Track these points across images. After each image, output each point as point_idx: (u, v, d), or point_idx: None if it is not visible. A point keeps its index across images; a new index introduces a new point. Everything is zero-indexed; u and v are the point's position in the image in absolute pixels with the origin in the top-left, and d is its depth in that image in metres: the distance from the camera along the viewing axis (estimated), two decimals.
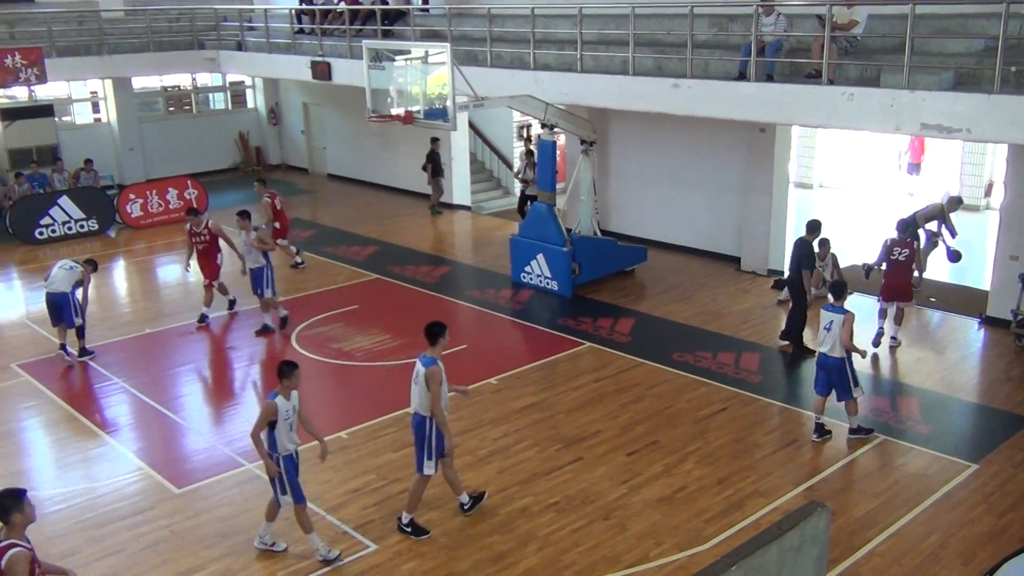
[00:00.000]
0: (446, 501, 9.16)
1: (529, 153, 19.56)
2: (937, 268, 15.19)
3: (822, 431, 10.26)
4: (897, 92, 11.11)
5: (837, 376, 10.02)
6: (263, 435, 7.98)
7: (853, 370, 10.06)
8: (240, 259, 14.10)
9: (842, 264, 15.09)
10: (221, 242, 14.56)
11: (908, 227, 13.42)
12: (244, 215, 14.01)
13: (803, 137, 21.74)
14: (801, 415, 10.95)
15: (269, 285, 13.89)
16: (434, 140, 20.66)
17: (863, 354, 10.52)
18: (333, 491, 9.45)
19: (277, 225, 16.60)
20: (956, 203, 14.85)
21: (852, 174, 22.39)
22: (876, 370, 12.20)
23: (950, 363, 12.51)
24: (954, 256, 14.45)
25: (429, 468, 8.47)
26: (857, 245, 17.11)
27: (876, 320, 12.81)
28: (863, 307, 13.07)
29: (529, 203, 18.88)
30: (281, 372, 8.01)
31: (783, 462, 9.85)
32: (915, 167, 21.23)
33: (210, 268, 14.57)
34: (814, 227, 12.70)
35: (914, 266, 12.88)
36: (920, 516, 8.77)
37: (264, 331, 13.98)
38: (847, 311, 9.92)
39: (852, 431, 10.27)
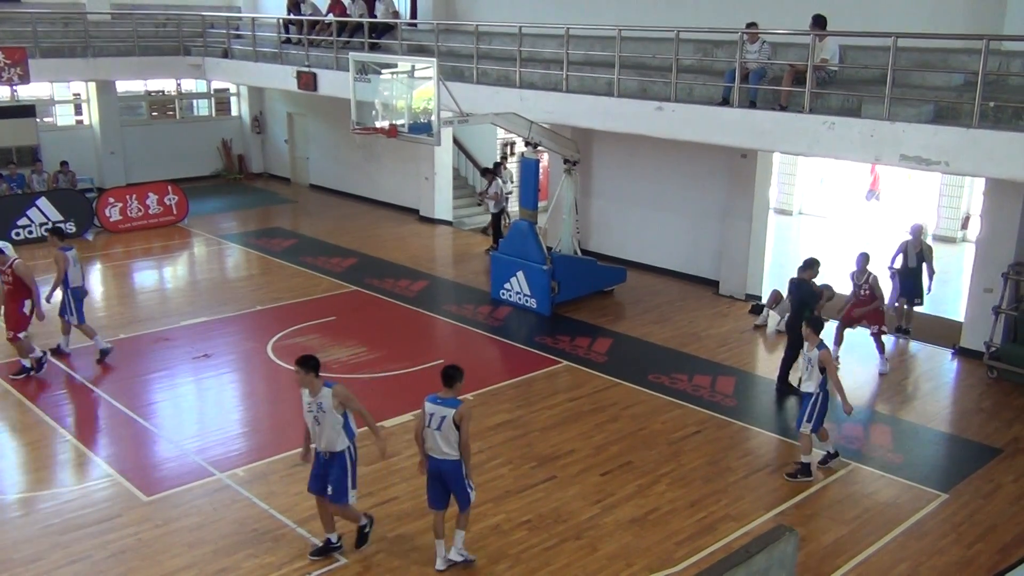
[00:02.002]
0: (421, 514, 9.12)
1: (485, 171, 19.54)
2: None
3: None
4: (878, 123, 11.23)
5: None
6: (453, 439, 7.99)
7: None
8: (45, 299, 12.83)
9: None
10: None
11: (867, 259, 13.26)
12: (56, 232, 13.06)
13: (784, 164, 21.93)
14: (774, 440, 11.00)
15: (66, 311, 12.94)
16: (498, 163, 20.74)
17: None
18: (304, 503, 9.36)
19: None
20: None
21: (832, 201, 22.59)
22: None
23: (923, 393, 12.61)
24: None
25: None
26: (836, 273, 17.23)
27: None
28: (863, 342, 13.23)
29: (500, 219, 18.99)
30: (455, 377, 7.99)
31: (755, 486, 9.88)
32: (874, 194, 21.56)
33: (14, 317, 12.42)
34: (811, 264, 12.14)
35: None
36: (889, 544, 8.81)
37: (57, 352, 13.20)
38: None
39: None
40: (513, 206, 19.90)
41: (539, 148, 15.45)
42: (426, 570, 8.29)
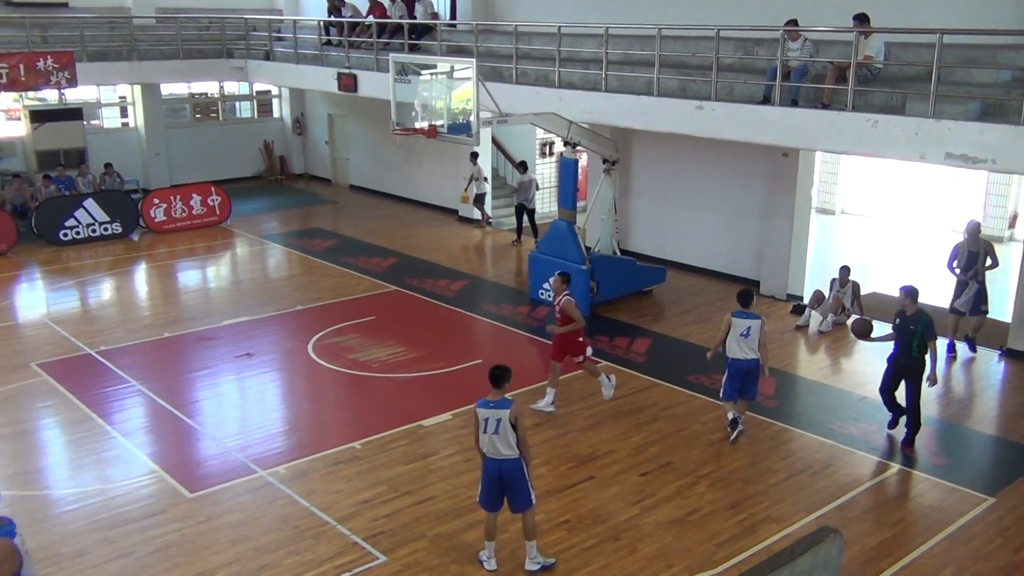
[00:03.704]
0: (460, 513, 9.15)
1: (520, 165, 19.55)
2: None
3: (737, 424, 10.82)
4: (922, 121, 11.06)
5: (754, 377, 10.63)
6: (512, 439, 7.96)
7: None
8: None
9: (863, 291, 14.99)
10: None
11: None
12: None
13: (826, 163, 21.68)
14: (816, 441, 10.86)
15: None
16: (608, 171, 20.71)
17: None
18: (344, 501, 9.45)
19: None
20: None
21: (875, 201, 22.29)
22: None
23: (969, 395, 12.41)
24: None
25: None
26: (878, 273, 17.03)
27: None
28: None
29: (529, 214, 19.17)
30: (503, 378, 8.02)
31: (797, 488, 9.78)
32: None
33: None
34: (913, 293, 10.49)
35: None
36: (934, 548, 8.68)
37: None
38: (760, 316, 10.66)
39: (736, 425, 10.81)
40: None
41: (578, 148, 15.43)
42: (465, 568, 8.31)
